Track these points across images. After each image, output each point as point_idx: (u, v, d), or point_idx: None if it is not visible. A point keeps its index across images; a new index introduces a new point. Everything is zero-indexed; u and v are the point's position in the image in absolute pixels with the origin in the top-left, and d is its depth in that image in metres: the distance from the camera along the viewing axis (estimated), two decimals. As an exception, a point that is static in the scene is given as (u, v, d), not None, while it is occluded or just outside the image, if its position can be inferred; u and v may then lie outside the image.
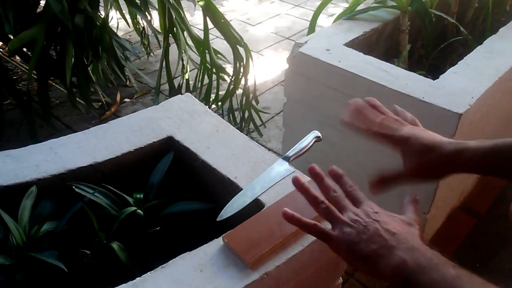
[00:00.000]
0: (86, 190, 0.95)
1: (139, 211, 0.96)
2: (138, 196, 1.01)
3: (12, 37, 1.69)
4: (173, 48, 2.23)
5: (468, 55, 1.53)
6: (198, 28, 2.61)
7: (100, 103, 2.45)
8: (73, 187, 0.94)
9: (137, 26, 2.55)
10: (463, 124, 1.26)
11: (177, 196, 1.04)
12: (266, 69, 2.99)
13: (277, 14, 3.72)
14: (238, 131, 1.16)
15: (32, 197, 0.94)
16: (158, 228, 0.94)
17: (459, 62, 1.49)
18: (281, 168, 0.98)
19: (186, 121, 1.18)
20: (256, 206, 0.92)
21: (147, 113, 1.20)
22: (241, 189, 0.97)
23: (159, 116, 1.19)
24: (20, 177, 0.99)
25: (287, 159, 0.99)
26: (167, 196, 1.02)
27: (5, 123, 1.98)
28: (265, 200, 0.93)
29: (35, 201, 0.94)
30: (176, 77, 2.36)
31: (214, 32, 2.31)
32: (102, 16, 1.77)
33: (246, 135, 2.34)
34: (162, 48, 2.16)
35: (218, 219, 0.87)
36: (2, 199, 0.94)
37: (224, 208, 0.89)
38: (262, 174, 0.98)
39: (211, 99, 2.32)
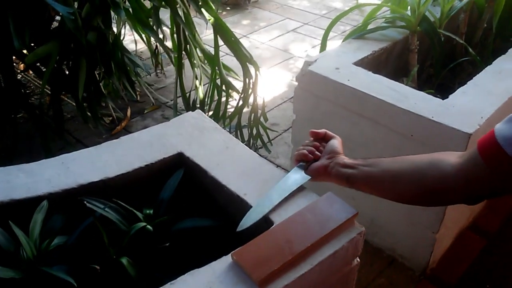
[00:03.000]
0: (97, 205, 0.96)
1: (148, 226, 0.96)
2: (148, 211, 1.02)
3: (26, 52, 1.73)
4: (185, 64, 2.26)
5: (477, 75, 1.53)
6: (208, 45, 2.65)
7: (111, 118, 2.48)
8: (85, 202, 0.95)
9: (150, 45, 2.59)
10: (473, 144, 1.26)
11: (187, 212, 1.04)
12: (275, 86, 3.01)
13: (286, 32, 3.75)
14: (248, 148, 1.17)
15: (43, 212, 0.95)
16: (167, 244, 0.94)
17: (468, 82, 1.49)
18: (297, 175, 1.00)
19: (196, 137, 1.19)
20: (265, 223, 0.93)
21: (158, 130, 1.22)
22: (251, 206, 0.97)
23: (169, 132, 1.21)
24: (32, 191, 1.00)
25: (302, 167, 1.00)
26: (177, 211, 1.02)
27: (18, 136, 2.00)
28: (274, 218, 0.93)
29: (47, 215, 0.96)
30: (187, 92, 2.39)
31: (224, 49, 2.34)
32: (115, 33, 1.80)
33: (254, 151, 2.37)
34: (175, 65, 2.18)
35: (238, 229, 0.90)
36: (14, 213, 0.95)
37: (244, 219, 0.91)
38: (278, 183, 0.99)
39: (220, 115, 2.33)
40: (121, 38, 1.92)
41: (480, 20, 2.01)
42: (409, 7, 1.75)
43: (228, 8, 4.09)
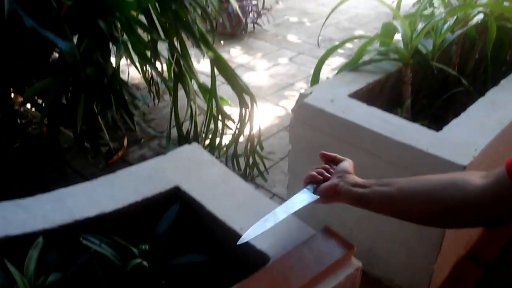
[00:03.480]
0: (93, 241, 0.96)
1: (144, 262, 0.96)
2: (144, 247, 1.01)
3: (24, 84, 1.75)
4: (180, 94, 2.28)
5: (471, 106, 1.56)
6: (205, 75, 2.68)
7: (108, 147, 2.48)
8: (80, 239, 0.94)
9: (146, 75, 2.62)
10: (467, 176, 1.27)
11: (183, 246, 1.04)
12: (271, 115, 3.04)
13: (281, 61, 3.81)
14: (244, 181, 1.17)
15: (38, 248, 0.95)
16: (163, 282, 0.93)
17: (461, 114, 1.51)
18: (305, 195, 0.98)
19: (193, 171, 1.20)
20: (262, 260, 0.92)
21: (155, 163, 1.23)
22: (247, 241, 0.97)
23: (166, 165, 1.21)
24: (27, 227, 1.00)
25: (311, 189, 0.99)
26: (174, 245, 1.02)
27: (14, 166, 2.00)
28: (271, 253, 0.93)
29: (42, 251, 0.95)
30: (182, 122, 2.40)
31: (220, 77, 2.37)
32: (113, 65, 1.83)
33: (251, 180, 2.37)
34: (170, 96, 2.21)
35: (239, 243, 0.89)
36: (9, 249, 0.94)
37: (247, 232, 0.91)
38: (286, 202, 0.98)
39: (216, 145, 2.35)
40: (119, 68, 1.95)
41: (472, 51, 2.05)
42: (401, 40, 1.79)
43: (225, 38, 4.15)
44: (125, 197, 1.09)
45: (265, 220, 0.93)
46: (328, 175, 0.99)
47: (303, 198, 0.96)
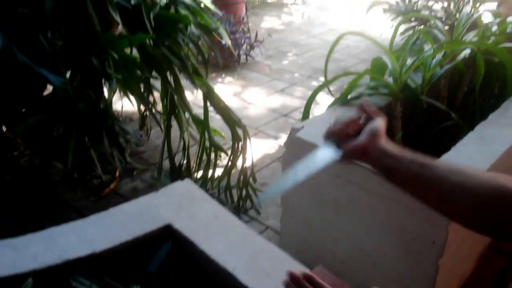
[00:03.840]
0: (84, 283, 0.95)
1: (135, 304, 0.94)
2: (135, 287, 1.00)
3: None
4: (173, 124, 2.29)
5: (460, 141, 1.58)
6: (198, 106, 2.71)
7: (100, 180, 2.47)
8: (71, 281, 0.93)
9: (139, 108, 2.64)
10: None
11: (175, 286, 1.03)
12: (264, 145, 3.05)
13: (274, 92, 3.86)
14: (237, 219, 1.17)
15: (28, 290, 0.93)
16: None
17: (452, 148, 1.53)
18: (327, 153, 0.86)
19: (185, 208, 1.19)
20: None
21: (147, 200, 1.22)
22: (239, 281, 0.96)
23: (158, 202, 1.21)
24: (17, 268, 0.98)
25: (334, 145, 0.86)
26: (166, 285, 1.01)
27: (5, 199, 1.98)
28: (264, 294, 0.92)
29: (31, 293, 0.93)
30: (176, 153, 2.41)
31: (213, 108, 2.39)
32: (106, 100, 1.84)
33: (244, 212, 2.36)
34: (163, 129, 2.22)
35: (258, 202, 0.84)
36: (-3, 292, 0.93)
37: (264, 193, 0.84)
38: (306, 159, 0.87)
39: (209, 177, 2.35)
40: (111, 104, 1.96)
41: (460, 83, 2.09)
42: (391, 75, 1.83)
43: (218, 69, 4.20)
44: (117, 236, 1.08)
45: (285, 180, 0.84)
46: (354, 131, 0.85)
47: (325, 156, 0.85)
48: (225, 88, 3.92)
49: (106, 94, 1.98)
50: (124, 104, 2.91)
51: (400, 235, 1.43)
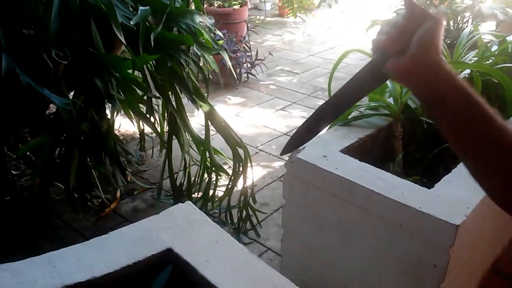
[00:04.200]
0: (83, 309, 0.94)
1: (135, 332, 0.93)
2: (134, 314, 0.99)
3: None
4: (174, 144, 2.30)
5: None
6: (200, 124, 2.71)
7: (100, 200, 2.46)
8: (70, 307, 0.92)
9: (140, 127, 2.65)
10: (461, 234, 1.27)
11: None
12: (265, 165, 3.05)
13: (275, 110, 3.87)
14: (238, 243, 1.16)
15: (27, 317, 0.92)
16: None
17: (453, 170, 1.53)
18: (371, 71, 0.69)
19: (186, 231, 1.19)
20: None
21: (147, 224, 1.21)
22: (240, 308, 0.95)
23: (159, 226, 1.20)
24: (16, 293, 0.97)
25: (381, 59, 0.67)
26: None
27: (4, 220, 1.98)
28: (265, 322, 0.91)
29: (30, 320, 0.92)
30: (177, 172, 2.41)
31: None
32: (108, 121, 1.85)
33: (244, 233, 2.35)
34: (164, 149, 2.23)
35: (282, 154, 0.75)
36: (-4, 319, 0.92)
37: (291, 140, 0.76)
38: (346, 84, 0.72)
39: (209, 197, 2.34)
40: (114, 125, 1.97)
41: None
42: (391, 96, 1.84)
43: (219, 87, 4.23)
44: (117, 261, 1.07)
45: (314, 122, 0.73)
46: (404, 41, 0.64)
47: (367, 77, 0.70)
48: (226, 107, 3.94)
49: (108, 114, 2.00)
50: (125, 123, 2.92)
51: (402, 259, 1.42)
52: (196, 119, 3.02)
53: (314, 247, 1.71)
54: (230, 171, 2.30)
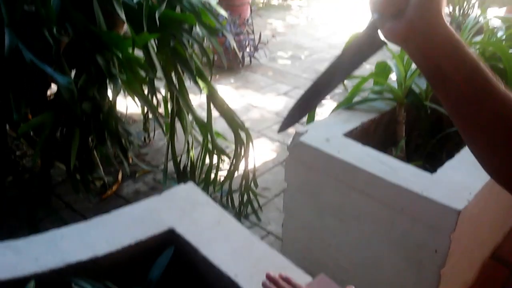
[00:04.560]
0: (85, 287, 0.94)
1: (136, 310, 0.94)
2: (136, 293, 0.99)
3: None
4: (176, 128, 2.29)
5: (465, 147, 1.57)
6: (202, 108, 2.70)
7: (102, 182, 2.46)
8: (72, 284, 0.93)
9: (143, 109, 2.63)
10: (462, 220, 1.27)
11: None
12: (267, 149, 3.04)
13: (277, 95, 3.85)
14: (240, 224, 1.16)
15: (29, 293, 0.93)
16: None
17: (456, 155, 1.52)
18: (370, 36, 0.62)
19: (187, 212, 1.19)
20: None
21: (149, 204, 1.22)
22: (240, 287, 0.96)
23: (161, 207, 1.20)
24: (18, 270, 0.98)
25: (376, 22, 0.60)
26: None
27: (5, 200, 1.98)
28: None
29: (32, 297, 0.93)
30: (178, 156, 2.40)
31: (216, 111, 2.39)
32: (110, 102, 1.84)
33: (244, 217, 2.35)
34: (166, 131, 2.22)
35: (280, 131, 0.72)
36: (-2, 295, 0.92)
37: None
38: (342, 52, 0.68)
39: (211, 180, 2.34)
40: (115, 105, 1.96)
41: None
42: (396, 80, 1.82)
43: (222, 70, 4.20)
44: (118, 240, 1.07)
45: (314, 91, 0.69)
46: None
47: (363, 46, 0.64)
48: (228, 90, 3.92)
49: (110, 95, 1.98)
50: (127, 105, 2.90)
51: (403, 244, 1.42)
52: (198, 103, 3.00)
53: (315, 231, 1.71)
54: (232, 156, 2.29)
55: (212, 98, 2.03)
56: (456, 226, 1.26)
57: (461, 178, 1.39)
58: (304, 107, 0.73)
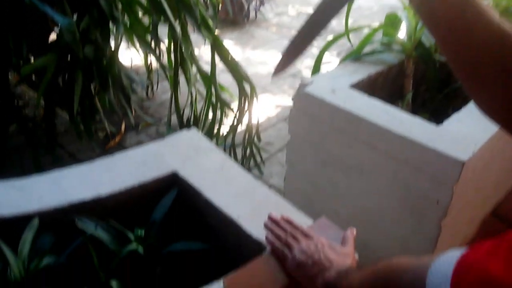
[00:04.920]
0: (88, 225, 0.95)
1: (139, 249, 0.95)
2: (139, 232, 1.00)
3: (22, 63, 1.72)
4: (179, 81, 2.26)
5: (472, 101, 1.54)
6: (205, 62, 2.66)
7: (105, 133, 2.46)
8: (76, 221, 0.93)
9: (146, 60, 2.60)
10: (466, 171, 1.26)
11: (179, 233, 1.03)
12: (271, 105, 3.02)
13: (282, 51, 3.79)
14: (242, 170, 1.16)
15: (33, 230, 0.94)
16: (158, 269, 0.92)
17: (462, 108, 1.50)
18: None
19: (191, 157, 1.18)
20: (258, 249, 0.91)
21: (152, 148, 1.21)
22: (244, 230, 0.96)
23: (164, 151, 1.20)
24: (22, 208, 0.98)
25: None
26: (169, 232, 1.01)
27: (9, 149, 1.99)
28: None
29: (36, 233, 0.94)
30: (183, 109, 2.39)
31: (221, 66, 2.34)
32: (112, 48, 1.80)
33: (247, 170, 2.36)
34: (170, 82, 2.19)
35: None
36: (3, 230, 0.93)
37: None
38: None
39: (214, 133, 2.33)
40: (118, 50, 1.92)
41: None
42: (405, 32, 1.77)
43: (226, 25, 4.11)
44: (122, 181, 1.07)
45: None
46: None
47: None
48: (233, 45, 3.85)
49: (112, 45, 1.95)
50: (131, 58, 2.86)
51: (405, 195, 1.42)
52: (202, 57, 2.96)
53: (317, 183, 1.72)
54: (235, 110, 2.28)
55: (216, 47, 1.98)
56: (459, 178, 1.25)
57: (467, 130, 1.37)
58: (298, 48, 0.73)
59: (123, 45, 2.56)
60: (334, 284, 0.72)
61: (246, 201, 1.04)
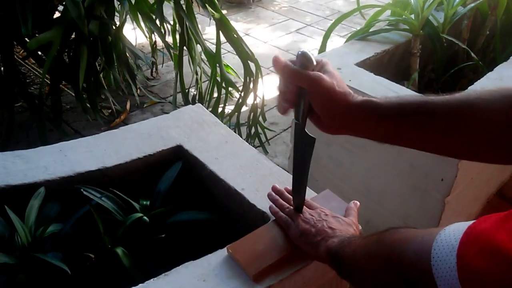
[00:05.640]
0: (94, 194, 0.96)
1: (145, 217, 0.96)
2: (144, 202, 1.01)
3: (28, 39, 1.72)
4: (184, 60, 2.26)
5: (478, 81, 1.53)
6: (210, 42, 2.65)
7: (110, 111, 2.47)
8: (81, 190, 0.94)
9: (151, 38, 2.58)
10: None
11: (183, 205, 1.04)
12: (276, 85, 3.01)
13: (289, 32, 3.76)
14: (247, 143, 1.16)
15: (39, 198, 0.95)
16: (163, 236, 0.93)
17: (469, 88, 1.49)
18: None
19: (195, 131, 1.19)
20: (262, 218, 0.92)
21: (157, 121, 1.21)
22: (248, 201, 0.97)
23: (169, 124, 1.20)
24: (28, 177, 0.99)
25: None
26: (174, 204, 1.02)
27: (15, 125, 2.00)
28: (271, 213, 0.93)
29: (42, 202, 0.95)
30: (187, 88, 2.39)
31: (226, 47, 2.34)
32: (117, 25, 1.79)
33: (253, 149, 2.36)
34: (174, 61, 2.18)
35: None
36: (10, 199, 0.94)
37: None
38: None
39: (219, 113, 2.33)
40: (123, 26, 1.91)
41: (483, 27, 2.01)
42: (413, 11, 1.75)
43: (232, 6, 4.08)
44: (127, 153, 1.08)
45: None
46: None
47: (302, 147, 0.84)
48: (238, 25, 3.82)
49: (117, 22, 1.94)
50: (136, 36, 2.85)
51: (409, 172, 1.42)
52: (207, 37, 2.94)
53: (321, 161, 1.72)
54: (240, 88, 2.27)
55: (221, 25, 1.97)
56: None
57: (474, 108, 1.36)
58: (300, 188, 0.86)
59: (128, 26, 2.55)
60: (337, 251, 0.72)
61: (250, 174, 1.04)
